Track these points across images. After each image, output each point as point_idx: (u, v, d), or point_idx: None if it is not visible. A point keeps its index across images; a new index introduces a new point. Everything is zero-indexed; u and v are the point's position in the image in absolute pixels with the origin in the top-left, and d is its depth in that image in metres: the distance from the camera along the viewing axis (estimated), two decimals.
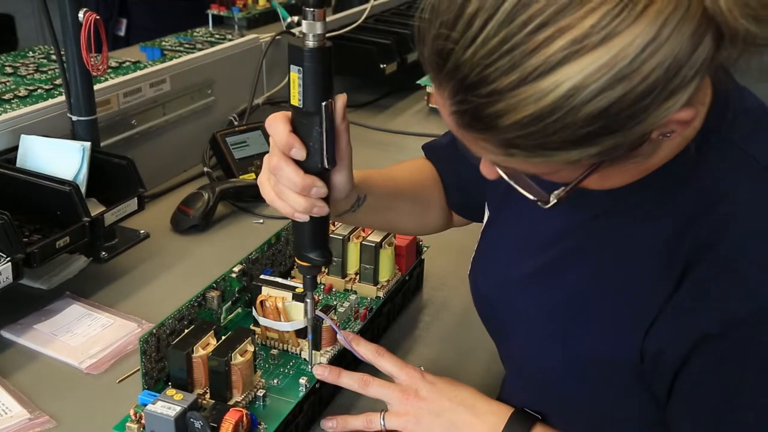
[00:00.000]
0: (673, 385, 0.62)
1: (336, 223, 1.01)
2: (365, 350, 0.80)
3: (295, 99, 0.65)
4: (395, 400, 0.75)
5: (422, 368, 0.77)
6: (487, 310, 0.79)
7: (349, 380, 0.79)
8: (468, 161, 0.77)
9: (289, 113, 0.67)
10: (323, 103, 0.64)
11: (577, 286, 0.67)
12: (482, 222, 0.84)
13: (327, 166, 0.67)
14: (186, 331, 0.80)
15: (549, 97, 0.50)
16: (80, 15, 1.04)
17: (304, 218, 0.69)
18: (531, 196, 0.61)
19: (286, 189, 0.68)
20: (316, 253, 0.72)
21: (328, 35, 0.63)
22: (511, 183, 0.61)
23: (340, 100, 0.66)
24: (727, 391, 0.59)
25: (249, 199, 1.30)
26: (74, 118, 1.12)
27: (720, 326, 0.58)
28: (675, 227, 0.61)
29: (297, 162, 0.67)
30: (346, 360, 0.86)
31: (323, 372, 0.80)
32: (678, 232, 0.61)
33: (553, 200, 0.60)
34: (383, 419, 0.75)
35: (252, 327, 0.87)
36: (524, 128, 0.51)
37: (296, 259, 0.73)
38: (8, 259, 0.90)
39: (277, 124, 0.67)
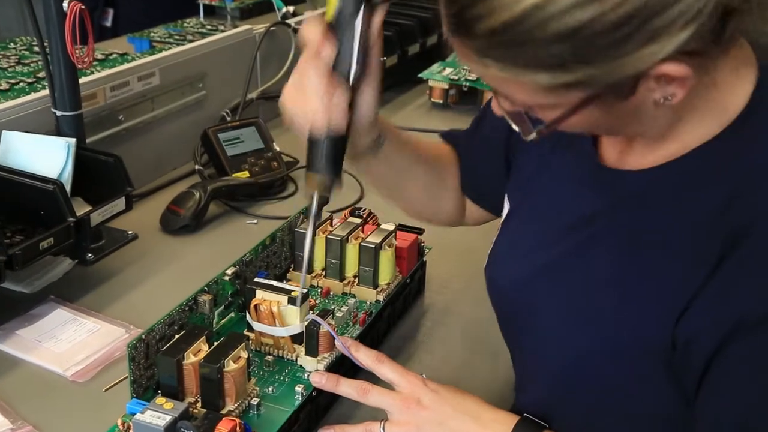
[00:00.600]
0: (704, 376, 0.62)
1: (333, 223, 1.01)
2: (364, 357, 0.80)
3: (332, 4, 0.68)
4: (396, 409, 0.75)
5: (424, 376, 0.77)
6: (505, 303, 0.79)
7: (347, 388, 0.79)
8: (489, 146, 0.82)
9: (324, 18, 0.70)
10: (362, 6, 0.68)
11: (603, 272, 0.68)
12: (497, 216, 0.85)
13: (354, 75, 0.69)
14: (176, 336, 0.80)
15: (520, 5, 0.54)
16: (64, 4, 1.04)
17: (319, 134, 0.70)
18: (516, 127, 0.65)
19: (307, 94, 0.70)
20: (326, 175, 0.72)
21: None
22: (506, 117, 0.65)
23: (382, 10, 0.71)
24: (764, 382, 0.59)
25: (242, 198, 1.30)
26: (58, 113, 1.12)
27: (759, 313, 0.58)
28: (714, 208, 0.62)
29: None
30: (344, 367, 0.86)
31: (320, 379, 0.80)
32: (717, 214, 0.61)
33: (533, 135, 0.63)
34: (383, 429, 0.75)
35: (246, 332, 0.87)
36: (496, 36, 0.56)
37: (306, 176, 0.74)
38: None
39: (312, 26, 0.70)
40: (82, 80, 1.15)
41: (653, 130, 0.65)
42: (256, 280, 0.88)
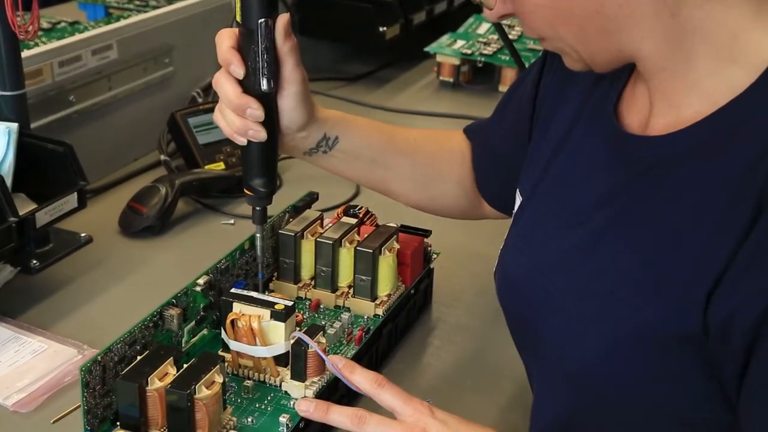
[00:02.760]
0: (745, 368, 0.63)
1: (324, 224, 1.01)
2: (361, 380, 0.80)
3: (237, 14, 0.79)
4: None
5: (430, 401, 0.78)
6: (517, 299, 0.81)
7: (340, 417, 0.79)
8: (512, 136, 0.89)
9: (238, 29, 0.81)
10: (260, 21, 0.78)
11: (624, 253, 0.70)
12: (509, 216, 0.88)
13: (264, 88, 0.80)
14: (139, 358, 0.80)
15: None
16: None
17: (242, 141, 0.84)
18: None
19: (225, 107, 0.83)
20: (259, 182, 0.85)
21: None
22: None
23: (282, 19, 0.80)
24: None
25: (217, 195, 1.31)
26: None
27: None
28: (745, 168, 0.64)
29: (240, 81, 0.81)
30: (338, 393, 0.86)
31: (308, 407, 0.80)
32: (748, 173, 0.63)
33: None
34: None
35: (221, 353, 0.87)
36: None
37: (244, 189, 0.86)
38: None
39: (222, 39, 0.81)
40: (24, 54, 1.15)
41: (647, 51, 0.69)
42: (233, 291, 0.88)
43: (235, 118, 0.82)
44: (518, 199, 0.86)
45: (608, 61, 0.73)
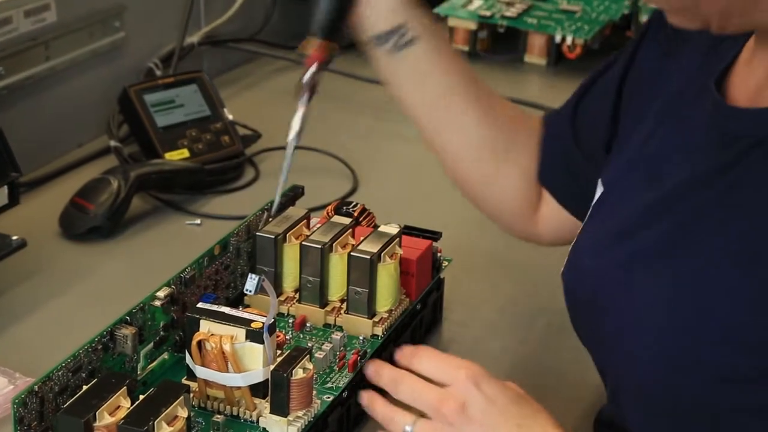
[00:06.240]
0: None
1: (311, 225, 1.02)
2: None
3: None
4: (431, 409, 0.77)
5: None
6: (595, 308, 0.83)
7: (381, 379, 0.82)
8: (594, 119, 0.93)
9: None
10: None
11: (720, 248, 0.73)
12: (580, 219, 0.90)
13: None
14: (84, 387, 0.80)
15: None
16: None
17: None
18: None
19: None
20: (321, 28, 0.89)
21: None
22: None
23: None
24: None
25: (180, 190, 1.31)
26: None
27: None
28: None
29: None
30: (327, 430, 0.86)
31: (372, 368, 0.83)
32: None
33: None
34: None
35: (185, 381, 0.87)
36: None
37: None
38: None
39: None
40: None
41: None
42: (199, 305, 0.88)
43: None
44: (598, 191, 0.88)
45: (738, 27, 0.74)
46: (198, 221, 1.27)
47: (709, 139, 0.76)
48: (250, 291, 0.84)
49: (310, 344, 0.95)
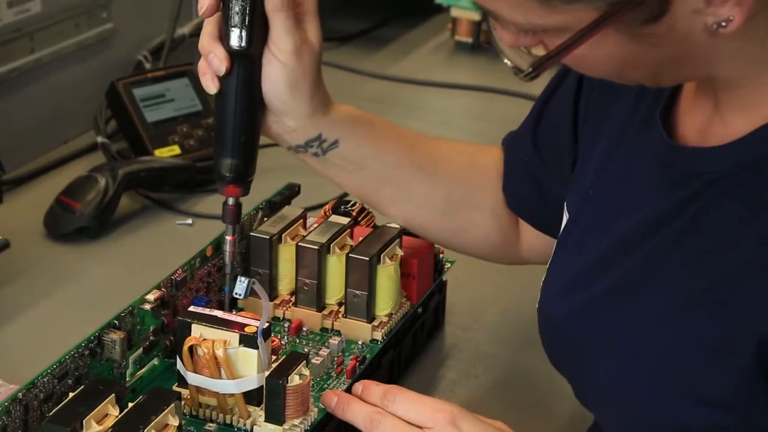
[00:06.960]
0: None
1: (308, 225, 1.02)
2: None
3: None
4: None
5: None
6: (565, 349, 0.83)
7: (355, 415, 0.82)
8: (557, 134, 0.93)
9: None
10: None
11: (676, 291, 0.74)
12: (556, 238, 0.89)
13: (232, 43, 0.84)
14: (71, 395, 0.80)
15: None
16: None
17: (209, 88, 0.87)
18: (509, 62, 0.74)
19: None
20: (227, 163, 0.87)
21: None
22: (503, 53, 0.74)
23: None
24: None
25: (170, 189, 1.31)
26: None
27: None
28: None
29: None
30: None
31: (331, 402, 0.83)
32: None
33: (528, 68, 0.72)
34: None
35: (175, 388, 0.88)
36: None
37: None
38: None
39: None
40: None
41: (727, 73, 0.71)
42: (191, 309, 0.88)
43: (203, 63, 0.86)
44: (565, 217, 0.88)
45: (674, 81, 0.76)
46: (189, 221, 1.27)
47: (660, 179, 0.76)
48: (240, 295, 0.84)
49: (306, 349, 0.95)
